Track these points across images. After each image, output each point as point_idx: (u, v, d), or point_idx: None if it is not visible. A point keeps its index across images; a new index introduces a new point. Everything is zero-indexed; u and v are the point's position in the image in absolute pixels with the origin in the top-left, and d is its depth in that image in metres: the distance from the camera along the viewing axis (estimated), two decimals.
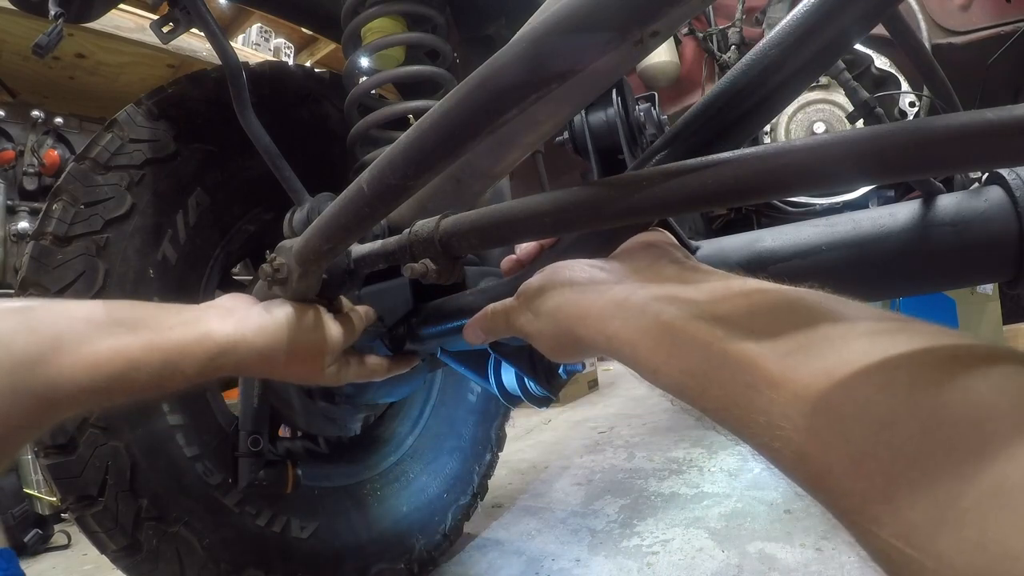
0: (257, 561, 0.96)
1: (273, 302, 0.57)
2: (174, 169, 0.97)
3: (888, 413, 0.21)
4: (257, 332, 0.53)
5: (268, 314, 0.54)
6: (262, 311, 0.55)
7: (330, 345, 0.59)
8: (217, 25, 0.87)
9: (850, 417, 0.22)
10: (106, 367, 0.42)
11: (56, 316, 0.42)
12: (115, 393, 0.44)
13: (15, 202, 2.15)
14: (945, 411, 0.20)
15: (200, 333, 0.49)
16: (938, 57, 0.75)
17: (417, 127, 0.39)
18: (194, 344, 0.48)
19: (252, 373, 0.59)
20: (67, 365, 0.40)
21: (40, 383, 0.39)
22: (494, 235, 0.44)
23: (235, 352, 0.51)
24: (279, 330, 0.54)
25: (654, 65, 1.43)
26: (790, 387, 0.24)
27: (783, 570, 1.06)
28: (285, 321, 0.54)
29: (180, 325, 0.48)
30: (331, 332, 0.59)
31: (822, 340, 0.25)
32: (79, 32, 2.09)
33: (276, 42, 3.12)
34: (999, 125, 0.26)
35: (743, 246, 0.61)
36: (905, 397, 0.21)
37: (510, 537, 1.42)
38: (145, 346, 0.45)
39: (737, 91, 0.44)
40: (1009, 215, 0.54)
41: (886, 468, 0.20)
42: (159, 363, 0.46)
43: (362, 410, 1.15)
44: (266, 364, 0.54)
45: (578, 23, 0.30)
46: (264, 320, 0.54)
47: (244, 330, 0.52)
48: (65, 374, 0.40)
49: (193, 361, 0.48)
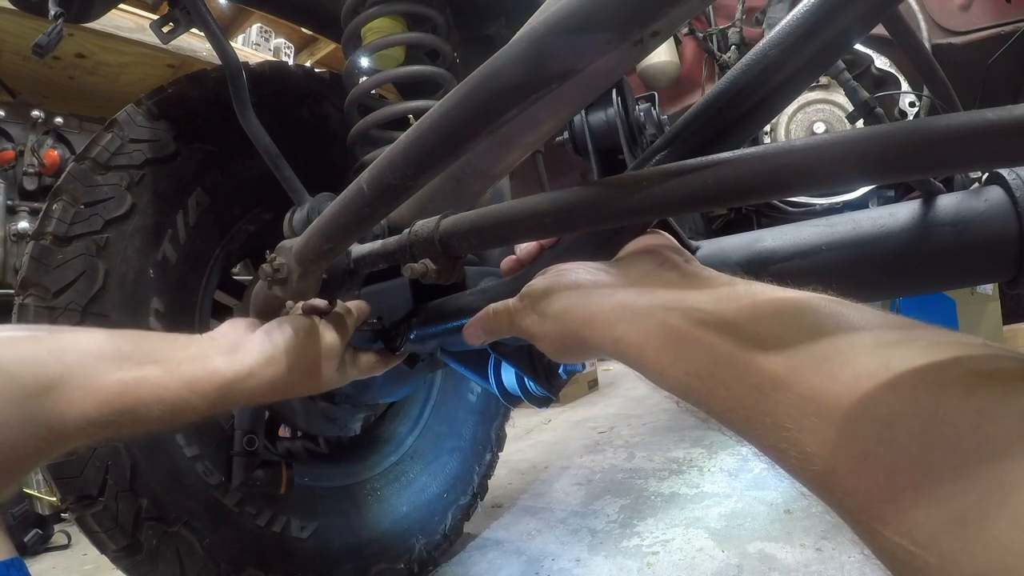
0: (257, 561, 0.96)
1: (271, 325, 0.56)
2: (174, 169, 0.97)
3: (890, 414, 0.22)
4: (264, 363, 0.53)
5: (269, 341, 0.54)
6: (263, 339, 0.55)
7: (327, 354, 0.59)
8: (217, 25, 0.87)
9: (854, 418, 0.22)
10: (116, 402, 0.42)
11: (64, 347, 0.42)
12: (124, 427, 0.44)
13: (15, 202, 2.14)
14: (946, 411, 0.20)
15: (209, 370, 0.49)
16: (938, 57, 0.75)
17: (417, 127, 0.39)
18: (204, 381, 0.48)
19: (262, 402, 0.59)
20: (76, 399, 0.40)
21: (49, 414, 0.39)
22: (494, 235, 0.45)
23: (244, 386, 0.51)
24: (282, 357, 0.54)
25: (654, 65, 1.42)
26: (796, 389, 0.25)
27: (783, 570, 1.06)
28: (283, 346, 0.54)
29: (187, 361, 0.48)
30: (326, 340, 0.59)
31: (827, 343, 0.26)
32: (79, 32, 2.09)
33: (276, 42, 3.12)
34: (999, 125, 0.26)
35: (743, 246, 0.61)
36: (908, 398, 0.22)
37: (510, 537, 1.42)
38: (154, 384, 0.45)
39: (737, 91, 0.44)
40: (1009, 215, 0.54)
41: (889, 467, 0.21)
42: (170, 401, 0.46)
43: (362, 410, 1.15)
44: (273, 392, 0.54)
45: (578, 23, 0.30)
46: (266, 348, 0.54)
47: (251, 363, 0.52)
48: (75, 407, 0.40)
49: (203, 398, 0.48)
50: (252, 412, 0.84)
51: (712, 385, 0.28)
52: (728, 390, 0.28)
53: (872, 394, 0.22)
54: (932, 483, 0.19)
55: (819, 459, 0.23)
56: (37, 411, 0.38)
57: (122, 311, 0.89)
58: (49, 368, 0.40)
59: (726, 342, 0.28)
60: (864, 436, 0.22)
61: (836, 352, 0.25)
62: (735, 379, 0.27)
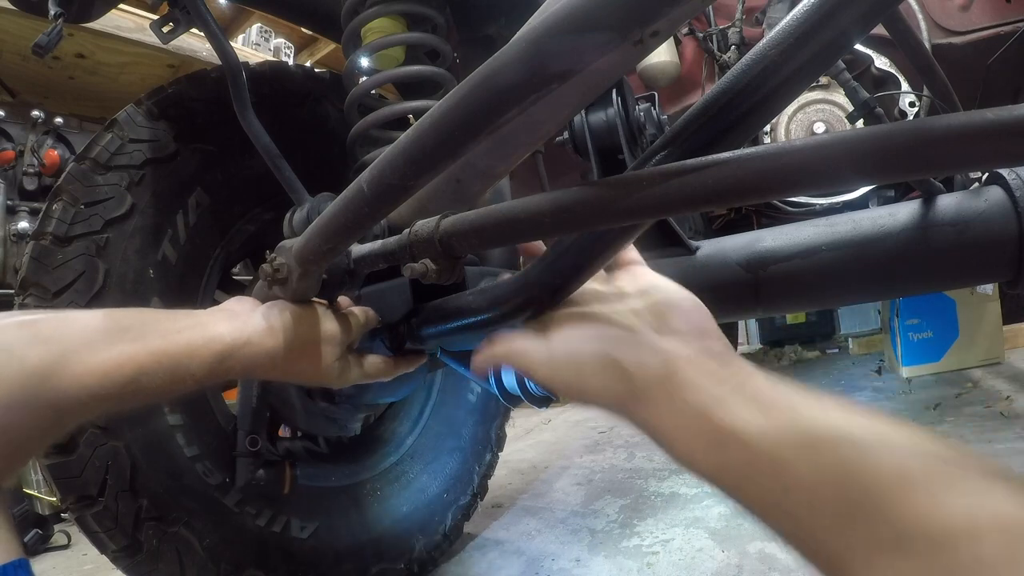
0: (257, 561, 0.96)
1: (275, 303, 0.57)
2: (174, 169, 0.97)
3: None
4: (263, 333, 0.53)
5: (271, 315, 0.55)
6: (266, 312, 0.55)
7: (327, 340, 0.59)
8: (217, 25, 0.87)
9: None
10: (116, 373, 0.43)
11: (64, 326, 0.43)
12: (126, 398, 0.44)
13: (15, 202, 2.14)
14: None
15: (208, 336, 0.50)
16: (938, 57, 0.75)
17: (417, 127, 0.39)
18: (202, 347, 0.49)
19: (259, 374, 0.60)
20: (78, 374, 0.41)
21: (53, 393, 0.40)
22: (494, 235, 0.45)
23: (242, 353, 0.51)
24: (280, 330, 0.55)
25: (654, 65, 1.42)
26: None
27: (783, 570, 1.06)
28: (281, 321, 0.55)
29: (187, 328, 0.49)
30: (328, 328, 0.59)
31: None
32: (79, 32, 2.09)
33: (276, 42, 3.11)
34: (999, 125, 0.26)
35: (743, 246, 0.61)
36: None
37: (510, 537, 1.42)
38: (154, 351, 0.46)
39: (737, 91, 0.44)
40: (1009, 215, 0.54)
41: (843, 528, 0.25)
42: (169, 366, 0.46)
43: (362, 410, 1.15)
44: (271, 364, 0.55)
45: (578, 23, 0.30)
46: (269, 321, 0.54)
47: (250, 331, 0.53)
48: (77, 383, 0.41)
49: (201, 363, 0.48)
50: (254, 412, 0.85)
51: (743, 482, 0.32)
52: (760, 487, 0.31)
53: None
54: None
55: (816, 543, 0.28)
56: (41, 390, 0.39)
57: None
58: (50, 347, 0.40)
59: (768, 452, 0.31)
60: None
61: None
62: (768, 482, 0.31)
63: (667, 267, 0.65)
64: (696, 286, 0.63)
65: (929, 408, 1.92)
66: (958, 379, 2.23)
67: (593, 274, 0.47)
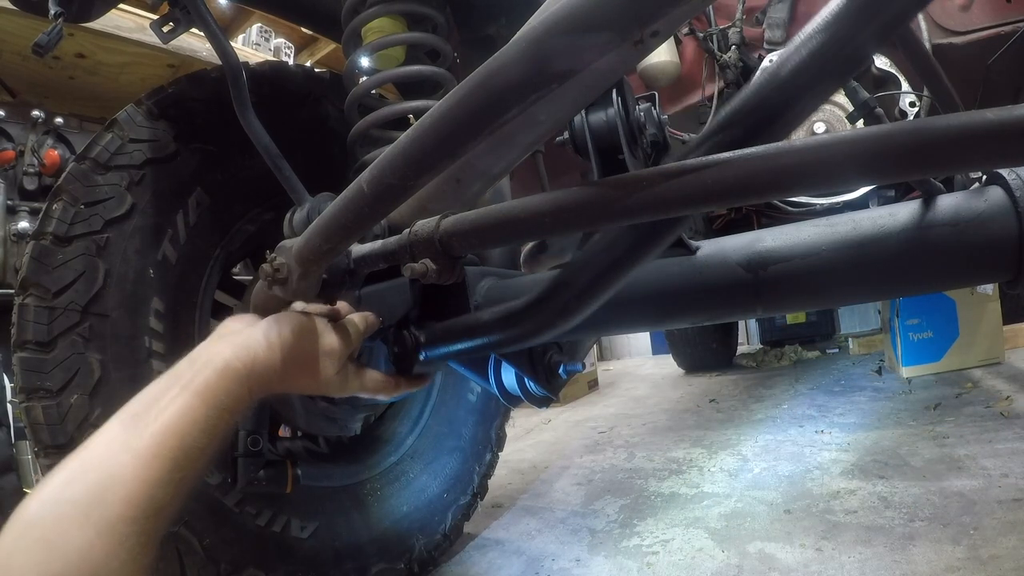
0: (257, 561, 0.96)
1: (273, 318, 0.57)
2: (174, 169, 0.97)
3: None
4: (268, 348, 0.53)
5: (271, 332, 0.55)
6: (265, 329, 0.55)
7: (326, 353, 0.59)
8: (217, 25, 0.87)
9: None
10: (163, 453, 0.43)
11: (90, 468, 0.42)
12: (184, 467, 0.45)
13: (15, 202, 2.14)
14: None
15: (220, 366, 0.50)
16: (938, 57, 0.75)
17: (417, 127, 0.39)
18: (222, 378, 0.49)
19: (273, 389, 0.60)
20: (123, 495, 0.41)
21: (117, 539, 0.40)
22: (494, 235, 0.45)
23: (255, 371, 0.52)
24: (279, 347, 0.55)
25: (654, 65, 1.42)
26: None
27: (783, 570, 1.06)
28: (280, 338, 0.55)
29: (201, 370, 0.49)
30: (327, 341, 0.59)
31: None
32: (79, 32, 2.08)
33: (276, 42, 3.11)
34: (999, 125, 0.26)
35: (743, 246, 0.61)
36: None
37: (510, 537, 1.42)
38: (182, 407, 0.46)
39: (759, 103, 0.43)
40: (1009, 215, 0.54)
41: None
42: (203, 414, 0.47)
43: (362, 410, 1.15)
44: (271, 379, 0.55)
45: (578, 23, 0.30)
46: (268, 338, 0.54)
47: (256, 348, 0.53)
48: (123, 501, 0.41)
49: (228, 394, 0.49)
50: (255, 412, 0.84)
51: None
52: None
53: None
54: None
55: None
56: (119, 536, 0.39)
57: (122, 311, 0.89)
58: (99, 498, 0.40)
59: None
60: None
61: None
62: None
63: (667, 267, 0.65)
64: (696, 286, 0.63)
65: (929, 408, 1.92)
66: (958, 379, 2.23)
67: (609, 295, 0.46)
